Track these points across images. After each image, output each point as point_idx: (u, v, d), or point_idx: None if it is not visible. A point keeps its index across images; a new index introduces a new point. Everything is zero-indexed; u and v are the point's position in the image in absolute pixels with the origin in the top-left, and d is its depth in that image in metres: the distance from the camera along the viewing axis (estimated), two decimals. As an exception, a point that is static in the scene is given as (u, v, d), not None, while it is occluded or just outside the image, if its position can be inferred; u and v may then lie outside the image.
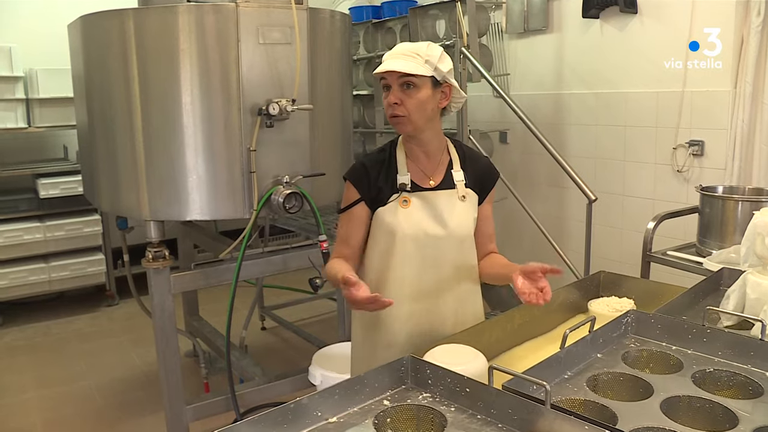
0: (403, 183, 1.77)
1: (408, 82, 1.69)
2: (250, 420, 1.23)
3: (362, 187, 1.79)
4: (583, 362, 1.53)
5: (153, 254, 2.71)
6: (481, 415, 1.32)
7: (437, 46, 1.73)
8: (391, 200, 1.78)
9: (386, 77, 1.72)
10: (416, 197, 1.78)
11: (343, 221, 1.85)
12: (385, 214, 1.78)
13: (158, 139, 2.65)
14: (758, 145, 3.31)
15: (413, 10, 4.21)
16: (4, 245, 4.61)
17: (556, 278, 1.66)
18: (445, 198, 1.80)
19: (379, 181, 1.78)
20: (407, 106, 1.71)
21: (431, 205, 1.79)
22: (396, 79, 1.70)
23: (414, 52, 1.69)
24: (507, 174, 3.99)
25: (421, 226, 1.77)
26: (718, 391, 1.43)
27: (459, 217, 1.80)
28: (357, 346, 1.96)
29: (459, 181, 1.82)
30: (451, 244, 1.81)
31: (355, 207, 1.80)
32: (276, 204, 2.67)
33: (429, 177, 1.81)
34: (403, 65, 1.67)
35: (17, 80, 4.65)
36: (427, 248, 1.78)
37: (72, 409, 3.56)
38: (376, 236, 1.82)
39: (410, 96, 1.70)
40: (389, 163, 1.81)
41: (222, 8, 2.57)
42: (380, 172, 1.80)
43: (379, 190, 1.78)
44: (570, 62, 4.26)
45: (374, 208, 1.79)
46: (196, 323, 4.12)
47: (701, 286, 1.99)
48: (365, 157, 1.87)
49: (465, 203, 1.82)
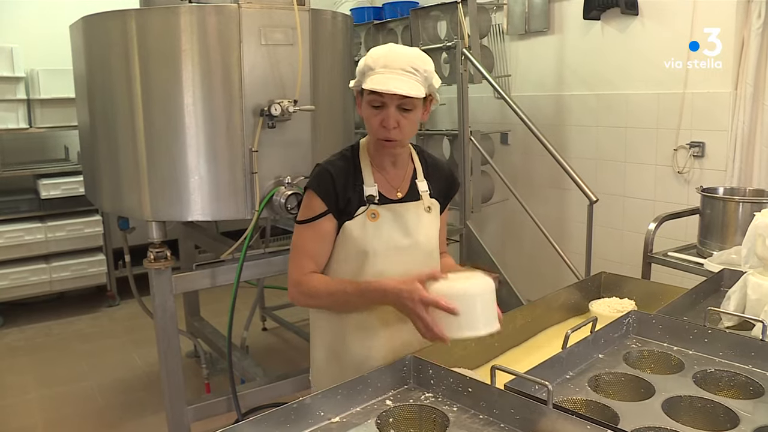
0: (371, 195, 1.65)
1: (406, 104, 1.56)
2: (253, 420, 1.23)
3: (330, 198, 1.63)
4: (584, 362, 1.54)
5: (155, 255, 2.71)
6: (483, 415, 1.32)
7: (428, 58, 1.61)
8: (358, 213, 1.64)
9: (382, 96, 1.55)
10: (385, 210, 1.66)
11: (304, 234, 1.67)
12: (353, 228, 1.64)
13: (160, 139, 2.65)
14: (759, 146, 3.32)
15: (415, 11, 4.22)
16: (5, 246, 4.61)
17: (559, 279, 1.66)
18: (412, 210, 1.70)
19: (347, 191, 1.64)
20: (404, 129, 1.58)
21: (399, 217, 1.67)
22: (395, 101, 1.55)
23: (413, 67, 1.54)
24: (508, 175, 4.00)
25: (391, 241, 1.66)
26: (719, 392, 1.44)
27: (426, 229, 1.71)
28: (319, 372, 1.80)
29: (423, 191, 1.73)
30: (419, 258, 1.70)
31: (322, 220, 1.64)
32: (278, 205, 2.68)
33: (396, 188, 1.70)
34: (405, 87, 1.51)
35: (18, 81, 4.65)
36: (397, 264, 1.66)
37: (73, 409, 3.56)
38: (343, 252, 1.67)
39: (407, 118, 1.58)
40: (354, 172, 1.67)
41: (224, 9, 2.58)
42: (347, 181, 1.65)
43: (347, 202, 1.64)
44: (571, 63, 4.27)
45: (342, 221, 1.65)
46: (197, 324, 4.12)
47: (702, 287, 1.99)
48: (328, 165, 1.68)
49: (430, 214, 1.73)
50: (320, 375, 1.80)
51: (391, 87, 1.51)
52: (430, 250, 1.73)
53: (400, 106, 1.56)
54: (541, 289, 2.60)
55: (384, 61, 1.56)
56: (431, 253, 1.74)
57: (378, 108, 1.58)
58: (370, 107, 1.60)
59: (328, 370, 1.76)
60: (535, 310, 1.91)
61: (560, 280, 3.64)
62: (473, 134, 3.89)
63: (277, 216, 2.83)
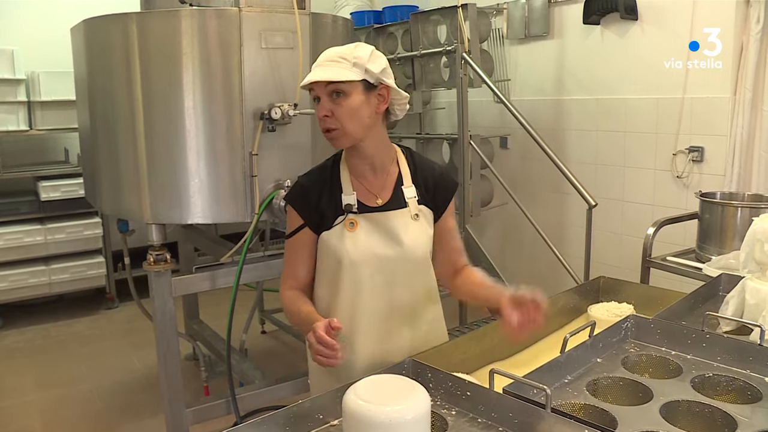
0: (349, 204, 1.62)
1: (336, 90, 1.54)
2: (252, 422, 1.23)
3: (304, 210, 1.64)
4: (583, 366, 1.54)
5: (154, 257, 2.72)
6: (481, 419, 1.33)
7: (367, 46, 1.60)
8: (336, 223, 1.62)
9: (315, 89, 1.57)
10: (364, 219, 1.63)
11: (289, 247, 1.70)
12: (330, 238, 1.63)
13: (160, 142, 2.66)
14: (757, 151, 3.33)
15: (414, 16, 4.23)
16: (4, 247, 4.61)
17: (558, 283, 1.66)
18: (397, 218, 1.65)
19: (321, 202, 1.63)
20: (338, 116, 1.55)
21: (381, 226, 1.63)
22: (323, 89, 1.55)
23: (339, 56, 1.55)
24: (507, 179, 4.01)
25: (370, 250, 1.62)
26: (717, 396, 1.44)
27: (413, 237, 1.65)
28: (315, 376, 1.79)
29: (410, 198, 1.67)
30: (407, 267, 1.66)
31: (300, 233, 1.66)
32: (277, 208, 2.68)
33: (376, 195, 1.66)
34: (327, 73, 1.53)
35: (19, 83, 4.66)
36: (379, 273, 1.63)
37: (72, 411, 3.56)
38: (322, 262, 1.67)
39: (340, 105, 1.55)
40: (332, 182, 1.65)
41: (225, 13, 2.59)
42: (322, 192, 1.64)
43: (322, 214, 1.63)
44: (570, 68, 4.28)
45: (319, 232, 1.65)
46: (196, 326, 4.12)
47: (700, 291, 2.00)
48: (304, 177, 1.71)
49: (419, 222, 1.67)
50: (317, 378, 1.79)
51: (311, 77, 1.55)
52: (418, 258, 1.67)
53: (331, 94, 1.56)
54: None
55: (317, 60, 1.60)
56: (420, 261, 1.68)
57: (317, 102, 1.59)
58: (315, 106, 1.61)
59: (324, 374, 1.72)
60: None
61: (559, 284, 3.64)
62: (473, 138, 3.90)
63: (276, 219, 2.84)
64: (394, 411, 1.12)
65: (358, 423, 1.13)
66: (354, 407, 1.14)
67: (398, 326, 1.69)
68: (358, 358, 1.66)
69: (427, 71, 4.28)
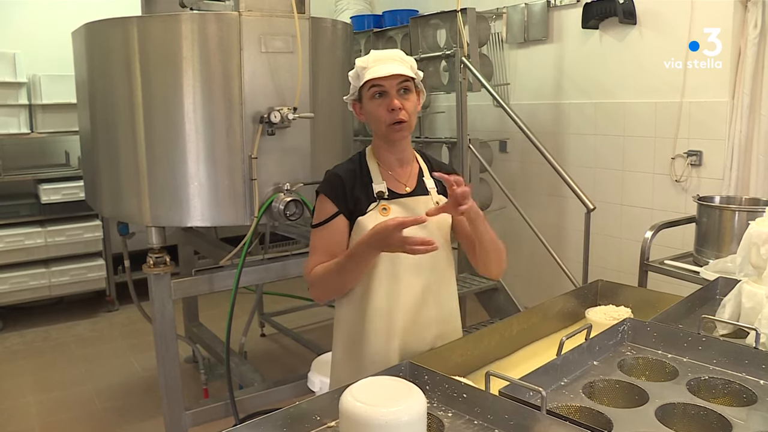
0: (381, 191, 1.73)
1: (405, 87, 1.69)
2: (250, 423, 1.24)
3: (339, 199, 1.73)
4: (579, 369, 1.55)
5: (154, 260, 2.73)
6: (478, 421, 1.33)
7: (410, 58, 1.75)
8: (370, 209, 1.72)
9: (383, 83, 1.67)
10: (395, 204, 1.74)
11: (320, 235, 1.76)
12: (366, 222, 1.71)
13: (160, 145, 2.67)
14: (755, 155, 3.34)
15: (414, 20, 4.24)
16: (5, 250, 4.62)
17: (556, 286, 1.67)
18: (422, 203, 1.76)
19: (355, 191, 1.74)
20: (408, 110, 1.69)
21: (410, 210, 1.74)
22: (394, 84, 1.67)
23: (399, 57, 1.70)
24: (506, 183, 4.01)
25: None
26: (712, 399, 1.45)
27: (437, 219, 1.72)
28: (337, 368, 1.84)
29: (431, 188, 1.80)
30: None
31: (335, 220, 1.73)
32: (276, 211, 2.69)
33: (404, 184, 1.78)
34: (402, 69, 1.66)
35: (20, 86, 4.68)
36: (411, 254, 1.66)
37: (71, 413, 3.57)
38: None
39: (408, 100, 1.70)
40: (362, 174, 1.77)
41: (224, 17, 2.60)
42: (355, 182, 1.75)
43: (356, 201, 1.73)
44: (569, 72, 4.29)
45: (354, 218, 1.73)
46: (195, 329, 4.13)
47: (697, 294, 2.00)
48: (337, 168, 1.80)
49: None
50: (338, 371, 1.83)
51: (390, 70, 1.65)
52: (443, 242, 1.77)
53: (400, 90, 1.68)
54: (538, 296, 2.62)
55: (375, 57, 1.71)
56: (444, 244, 1.78)
57: (381, 97, 1.69)
58: (373, 100, 1.70)
59: (345, 367, 1.79)
60: (531, 317, 1.92)
61: (557, 287, 3.64)
62: (472, 142, 3.91)
63: (276, 222, 2.85)
64: (391, 412, 1.14)
65: (354, 424, 1.16)
66: (351, 408, 1.16)
67: (425, 307, 1.76)
68: (394, 349, 1.71)
69: (426, 75, 4.28)
